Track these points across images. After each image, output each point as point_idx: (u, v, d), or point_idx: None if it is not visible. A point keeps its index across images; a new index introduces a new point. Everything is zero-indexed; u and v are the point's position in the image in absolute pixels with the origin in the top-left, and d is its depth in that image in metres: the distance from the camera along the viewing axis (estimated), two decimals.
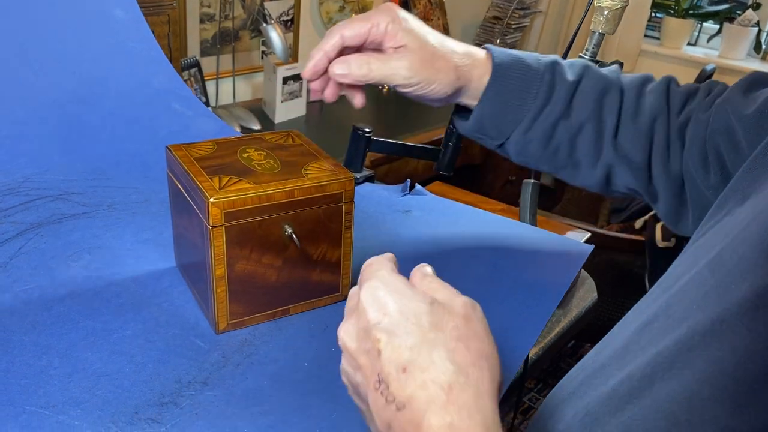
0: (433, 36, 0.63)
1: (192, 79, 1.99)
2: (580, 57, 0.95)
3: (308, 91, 2.30)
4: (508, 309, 0.70)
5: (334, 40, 0.60)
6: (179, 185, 0.63)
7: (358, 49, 0.62)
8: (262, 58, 2.27)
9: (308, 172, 0.61)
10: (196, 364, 0.57)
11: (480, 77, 0.64)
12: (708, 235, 0.45)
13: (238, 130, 2.01)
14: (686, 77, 2.86)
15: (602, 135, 0.65)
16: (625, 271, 2.08)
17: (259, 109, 2.20)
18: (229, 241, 0.58)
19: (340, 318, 0.66)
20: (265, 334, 0.62)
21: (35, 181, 0.81)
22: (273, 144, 0.67)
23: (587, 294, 1.02)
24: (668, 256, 1.98)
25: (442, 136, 0.90)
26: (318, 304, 0.66)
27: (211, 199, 0.55)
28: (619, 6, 0.88)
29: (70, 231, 0.74)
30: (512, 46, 3.14)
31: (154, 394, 0.54)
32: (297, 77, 2.17)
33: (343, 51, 0.62)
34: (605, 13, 0.89)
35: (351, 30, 0.60)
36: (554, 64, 0.66)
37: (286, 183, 0.59)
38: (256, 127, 2.05)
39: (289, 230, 0.60)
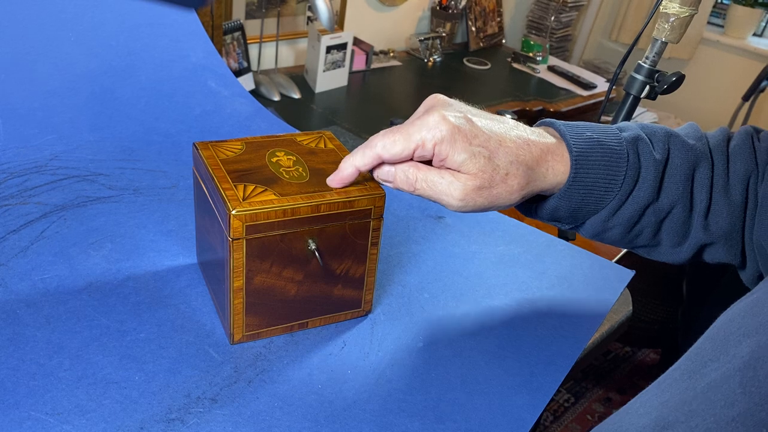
0: (495, 148, 0.51)
1: (235, 42, 1.95)
2: (640, 64, 0.89)
3: (351, 61, 2.25)
4: (539, 338, 0.67)
5: (368, 159, 0.52)
6: (204, 186, 0.60)
7: None
8: (307, 23, 2.22)
9: None
10: (207, 377, 0.56)
11: (555, 173, 0.54)
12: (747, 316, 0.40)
13: (278, 98, 1.99)
14: (749, 70, 2.72)
15: (692, 215, 0.57)
16: (662, 273, 2.02)
17: (300, 76, 2.17)
18: (250, 254, 0.55)
19: (361, 334, 0.64)
20: (281, 348, 0.60)
21: (63, 160, 0.79)
22: (304, 148, 0.63)
23: (622, 307, 0.98)
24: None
25: None
26: (338, 319, 0.64)
27: (234, 211, 0.53)
28: (687, 14, 0.82)
29: (94, 216, 0.72)
30: (567, 25, 3.03)
31: (161, 408, 0.52)
32: (341, 47, 2.12)
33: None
34: (671, 20, 0.83)
35: (390, 151, 0.51)
36: (636, 141, 0.56)
37: (312, 196, 0.56)
38: (296, 96, 2.02)
39: (313, 246, 0.57)
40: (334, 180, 0.54)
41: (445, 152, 0.49)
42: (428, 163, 0.52)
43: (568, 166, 0.54)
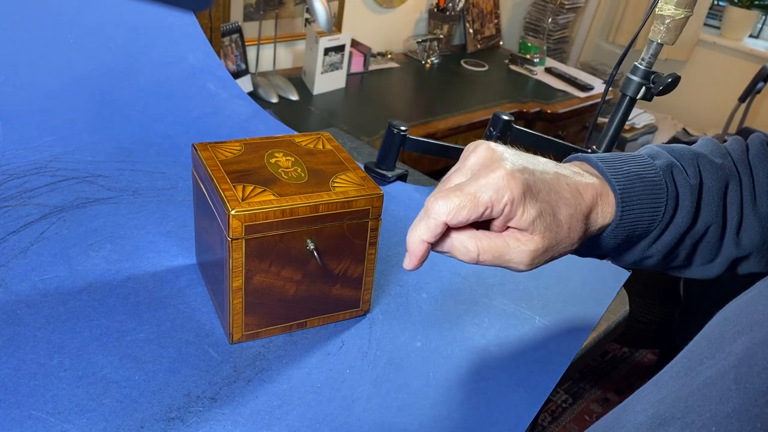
0: (556, 201, 0.48)
1: (233, 44, 1.96)
2: (636, 66, 0.90)
3: (349, 63, 2.26)
4: (536, 337, 0.67)
5: (434, 230, 0.46)
6: (203, 187, 0.61)
7: None
8: (305, 25, 2.23)
9: (335, 184, 0.58)
10: (207, 376, 0.56)
11: (604, 216, 0.52)
12: (745, 313, 0.41)
13: (276, 99, 1.99)
14: (746, 72, 2.73)
15: (725, 233, 0.57)
16: (659, 274, 2.02)
17: (298, 78, 2.17)
18: (249, 254, 0.56)
19: (359, 333, 0.65)
20: (279, 347, 0.60)
21: (62, 161, 0.80)
22: (302, 148, 0.64)
23: (619, 307, 0.99)
24: None
25: (484, 118, 0.85)
26: (336, 318, 0.64)
27: (233, 212, 0.53)
28: (682, 16, 0.82)
29: (93, 217, 0.73)
30: (564, 27, 3.03)
31: (161, 407, 0.52)
32: (339, 48, 2.13)
33: None
34: (666, 21, 0.83)
35: (457, 218, 0.45)
36: (670, 168, 0.55)
37: (311, 196, 0.56)
38: (294, 98, 2.02)
39: (312, 246, 0.57)
40: (410, 263, 0.47)
41: (515, 212, 0.45)
42: (485, 224, 0.48)
43: (614, 206, 0.52)
